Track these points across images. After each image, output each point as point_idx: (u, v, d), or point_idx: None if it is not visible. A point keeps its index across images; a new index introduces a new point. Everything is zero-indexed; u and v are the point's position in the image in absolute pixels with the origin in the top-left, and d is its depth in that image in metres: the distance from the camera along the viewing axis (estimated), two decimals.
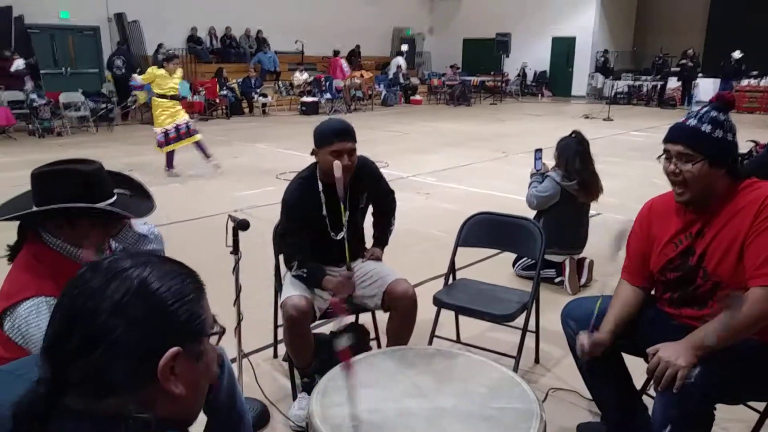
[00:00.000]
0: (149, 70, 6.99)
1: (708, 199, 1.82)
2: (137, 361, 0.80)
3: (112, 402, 0.80)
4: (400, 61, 18.20)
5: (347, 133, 2.38)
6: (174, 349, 0.82)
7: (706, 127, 1.77)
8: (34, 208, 1.53)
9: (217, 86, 13.61)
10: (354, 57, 18.45)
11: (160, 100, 6.95)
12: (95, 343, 0.79)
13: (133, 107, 12.25)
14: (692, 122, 1.80)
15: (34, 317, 1.42)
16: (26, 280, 1.48)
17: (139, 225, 1.88)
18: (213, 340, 0.92)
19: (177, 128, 6.92)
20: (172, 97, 6.98)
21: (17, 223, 1.62)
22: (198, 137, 7.14)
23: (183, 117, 7.03)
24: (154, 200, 1.80)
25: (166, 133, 6.90)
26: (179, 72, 7.13)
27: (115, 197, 1.63)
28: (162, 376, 0.81)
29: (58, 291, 1.43)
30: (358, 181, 2.51)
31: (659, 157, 1.89)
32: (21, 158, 8.17)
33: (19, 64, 10.99)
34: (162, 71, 6.95)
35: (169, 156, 7.16)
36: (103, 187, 1.60)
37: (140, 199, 1.77)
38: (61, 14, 13.82)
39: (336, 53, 16.93)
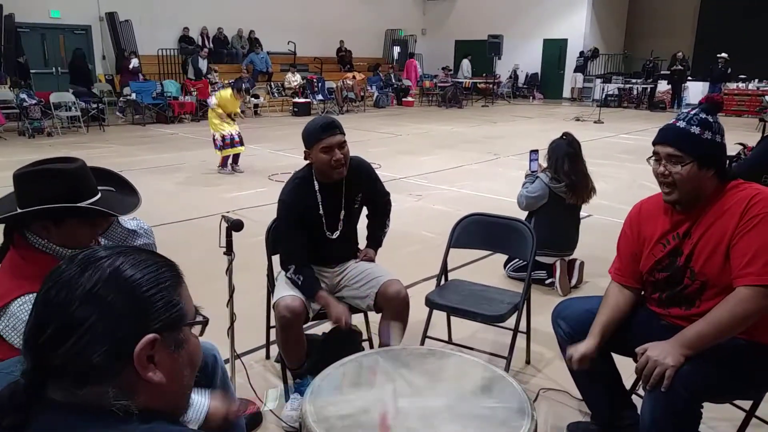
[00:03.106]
0: (226, 96, 7.44)
1: (696, 200, 1.85)
2: (113, 348, 0.80)
3: (92, 391, 0.80)
4: (467, 63, 18.94)
5: (333, 126, 2.39)
6: (150, 336, 0.82)
7: (695, 129, 1.80)
8: (18, 210, 1.51)
9: (209, 87, 13.57)
10: (344, 56, 18.56)
11: (219, 113, 7.40)
12: (69, 332, 0.79)
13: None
14: (681, 124, 1.82)
15: (26, 313, 1.41)
16: (15, 280, 1.48)
17: (128, 221, 1.87)
18: (196, 330, 0.92)
19: (236, 135, 7.46)
20: (229, 116, 7.53)
21: (3, 228, 1.60)
22: (243, 150, 7.63)
23: (235, 128, 7.54)
24: (139, 195, 1.78)
25: (223, 138, 7.38)
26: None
27: (99, 195, 1.61)
28: (139, 364, 0.81)
29: None
30: (355, 181, 2.53)
31: (649, 158, 1.92)
32: (10, 158, 8.11)
33: (135, 62, 13.30)
34: (230, 97, 7.44)
35: (225, 159, 7.59)
36: (86, 185, 1.58)
37: (125, 194, 1.75)
38: (52, 13, 13.74)
39: (411, 55, 18.97)
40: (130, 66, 13.36)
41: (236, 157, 7.62)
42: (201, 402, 1.35)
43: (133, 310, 0.82)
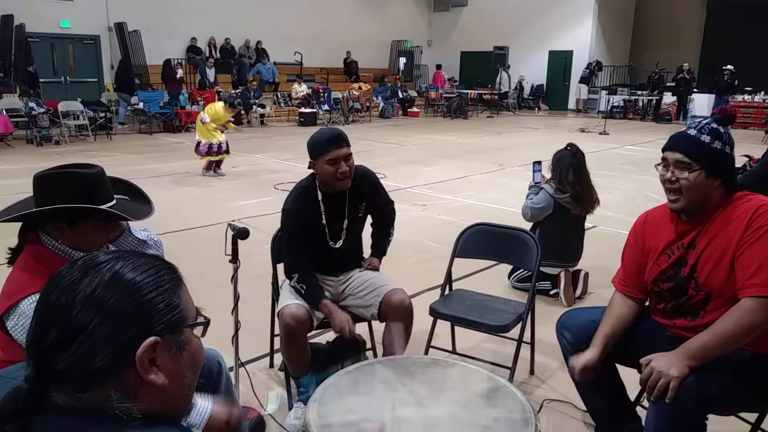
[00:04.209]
0: (218, 109, 7.83)
1: (701, 209, 1.85)
2: (115, 352, 0.81)
3: (95, 395, 0.81)
4: (505, 76, 19.14)
5: (340, 139, 2.40)
6: (151, 339, 0.82)
7: (706, 138, 1.81)
8: (34, 209, 1.56)
9: (216, 96, 13.66)
10: (350, 66, 18.68)
11: (212, 125, 7.78)
12: (72, 337, 0.80)
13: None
14: (692, 132, 1.84)
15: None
16: (27, 279, 1.51)
17: (139, 231, 1.91)
18: (198, 331, 0.92)
19: (224, 144, 7.89)
20: (221, 127, 8.00)
21: (19, 229, 1.64)
22: (228, 157, 8.05)
23: (224, 137, 7.95)
24: (152, 204, 1.83)
25: (210, 146, 7.77)
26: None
27: (114, 201, 1.66)
28: (141, 367, 0.82)
29: None
30: (358, 190, 2.54)
31: (657, 165, 1.92)
32: (19, 166, 8.17)
33: (180, 72, 14.54)
34: (222, 110, 7.81)
35: (210, 163, 7.97)
36: (103, 191, 1.63)
37: (139, 203, 1.80)
38: (62, 23, 13.89)
39: (438, 66, 20.08)
40: (177, 76, 14.10)
41: (219, 161, 8.00)
42: (204, 406, 1.36)
43: (134, 313, 0.83)
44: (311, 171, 2.51)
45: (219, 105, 7.87)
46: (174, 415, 0.91)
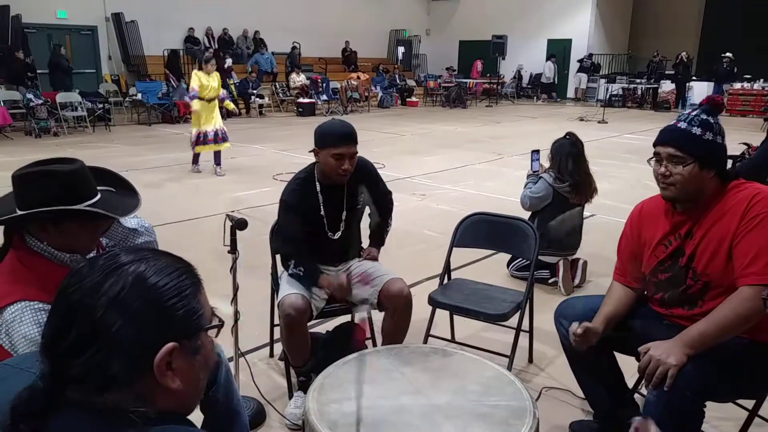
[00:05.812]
0: (194, 74, 7.20)
1: (697, 200, 1.85)
2: (135, 356, 0.81)
3: (111, 397, 0.81)
4: (550, 66, 19.12)
5: (351, 138, 2.39)
6: (169, 345, 0.82)
7: (697, 130, 1.80)
8: (16, 213, 1.48)
9: None
10: (349, 56, 18.60)
11: (199, 101, 7.16)
12: (93, 339, 0.79)
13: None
14: (683, 125, 1.83)
15: (17, 322, 1.39)
16: (11, 285, 1.45)
17: (128, 219, 1.83)
18: (212, 332, 0.92)
19: (212, 133, 7.25)
20: (209, 100, 7.17)
21: (3, 230, 1.56)
22: (227, 146, 7.46)
23: (218, 123, 7.29)
24: (139, 195, 1.74)
25: (199, 135, 7.21)
26: (216, 75, 7.30)
27: (98, 196, 1.57)
28: (158, 372, 0.82)
29: (43, 295, 1.40)
30: (357, 181, 2.54)
31: (650, 159, 1.92)
32: (17, 158, 8.16)
33: (229, 62, 14.51)
34: (202, 73, 7.14)
35: (196, 157, 7.55)
36: (84, 187, 1.54)
37: (125, 195, 1.71)
38: (59, 13, 13.80)
39: (477, 58, 20.00)
40: (225, 66, 14.12)
41: (218, 157, 7.44)
42: None
43: (156, 318, 0.82)
44: (313, 159, 2.50)
45: (197, 73, 7.14)
46: (184, 413, 0.91)
